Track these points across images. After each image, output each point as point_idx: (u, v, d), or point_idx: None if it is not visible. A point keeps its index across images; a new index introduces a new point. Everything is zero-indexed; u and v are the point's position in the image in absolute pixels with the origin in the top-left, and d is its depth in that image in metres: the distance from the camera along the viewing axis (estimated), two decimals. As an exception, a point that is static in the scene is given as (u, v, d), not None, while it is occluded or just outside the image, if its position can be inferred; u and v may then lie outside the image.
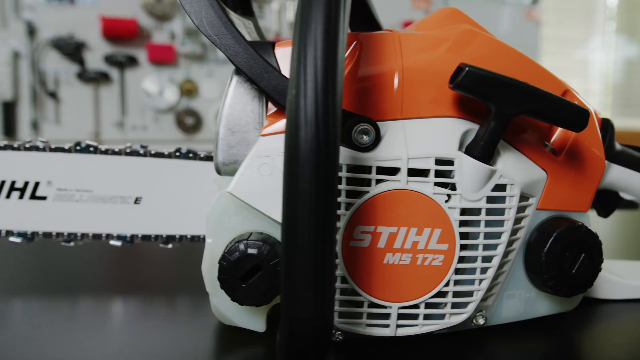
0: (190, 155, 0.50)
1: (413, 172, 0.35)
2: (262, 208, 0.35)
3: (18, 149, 0.49)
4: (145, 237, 0.50)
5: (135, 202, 0.50)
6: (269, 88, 0.35)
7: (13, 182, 0.49)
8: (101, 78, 1.79)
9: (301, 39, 0.28)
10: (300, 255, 0.28)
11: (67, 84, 1.79)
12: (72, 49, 1.74)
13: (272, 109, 0.37)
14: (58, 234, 0.50)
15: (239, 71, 0.38)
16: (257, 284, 0.34)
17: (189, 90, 1.88)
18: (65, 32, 1.77)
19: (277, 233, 0.36)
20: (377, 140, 0.35)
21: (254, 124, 0.38)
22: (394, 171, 0.35)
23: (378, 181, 0.35)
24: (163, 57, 1.83)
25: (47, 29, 1.76)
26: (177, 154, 0.50)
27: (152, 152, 0.50)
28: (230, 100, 0.38)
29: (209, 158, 0.50)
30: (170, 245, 0.51)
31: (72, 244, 0.50)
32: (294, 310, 0.28)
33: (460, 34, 0.39)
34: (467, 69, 0.34)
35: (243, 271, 0.34)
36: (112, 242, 0.50)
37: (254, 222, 0.36)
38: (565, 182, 0.39)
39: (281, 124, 0.36)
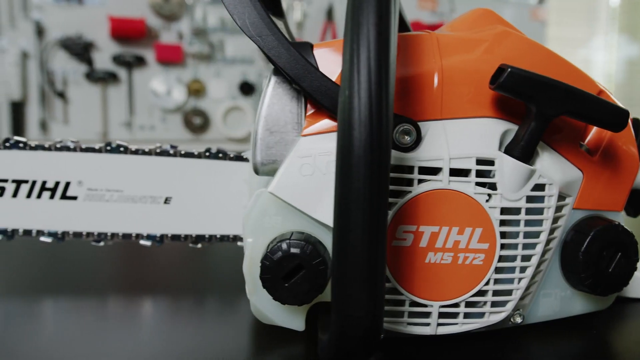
0: (220, 155, 0.50)
1: (454, 172, 0.35)
2: (303, 208, 0.36)
3: (49, 149, 0.49)
4: (175, 237, 0.50)
5: (165, 202, 0.50)
6: (311, 88, 0.35)
7: (44, 182, 0.49)
8: (109, 78, 1.79)
9: (353, 40, 0.28)
10: (353, 254, 0.28)
11: (75, 84, 1.80)
12: (80, 49, 1.75)
13: (310, 109, 0.37)
14: (88, 234, 0.50)
15: (277, 72, 0.39)
16: (300, 283, 0.35)
17: (196, 90, 1.88)
18: (73, 32, 1.77)
19: (317, 232, 0.36)
20: (418, 140, 0.35)
21: (293, 124, 0.38)
22: (435, 171, 0.35)
23: (420, 181, 0.35)
24: (171, 57, 1.83)
25: (56, 29, 1.77)
26: (207, 154, 0.50)
27: (182, 152, 0.50)
28: (268, 101, 0.38)
29: (238, 158, 0.50)
30: (199, 245, 0.51)
31: (101, 243, 0.50)
32: (346, 309, 0.29)
33: (496, 35, 0.39)
34: (509, 70, 0.34)
35: (285, 270, 0.35)
36: (142, 242, 0.50)
37: (294, 222, 0.36)
38: (600, 181, 0.40)
39: (322, 124, 0.37)
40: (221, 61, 1.92)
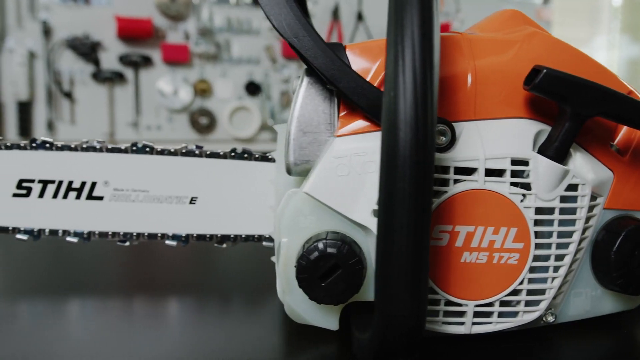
0: (245, 155, 0.50)
1: (489, 172, 0.35)
2: (339, 208, 0.36)
3: (75, 149, 0.49)
4: (200, 237, 0.51)
5: (190, 202, 0.50)
6: (347, 89, 0.35)
7: (70, 183, 0.49)
8: (116, 78, 1.80)
9: (398, 42, 0.28)
10: (398, 254, 0.28)
11: (82, 84, 1.80)
12: (87, 49, 1.75)
13: (343, 110, 0.38)
14: (114, 234, 0.50)
15: (310, 72, 0.39)
16: (336, 283, 0.35)
17: (203, 90, 1.89)
18: (80, 32, 1.77)
19: (351, 232, 0.36)
20: (453, 140, 0.36)
21: (325, 124, 0.39)
22: (470, 171, 0.35)
23: (456, 181, 0.35)
24: (177, 57, 1.84)
25: (62, 29, 1.77)
26: (232, 154, 0.50)
27: (208, 152, 0.50)
28: (301, 102, 0.39)
29: (264, 158, 0.51)
30: (224, 245, 0.51)
31: (127, 243, 0.50)
32: (390, 308, 0.29)
33: (527, 36, 0.39)
34: (544, 71, 0.34)
35: (322, 270, 0.35)
36: (167, 242, 0.50)
37: (328, 222, 0.37)
38: (630, 181, 0.40)
39: (357, 125, 0.37)
40: (227, 61, 1.92)
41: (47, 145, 0.49)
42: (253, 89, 1.94)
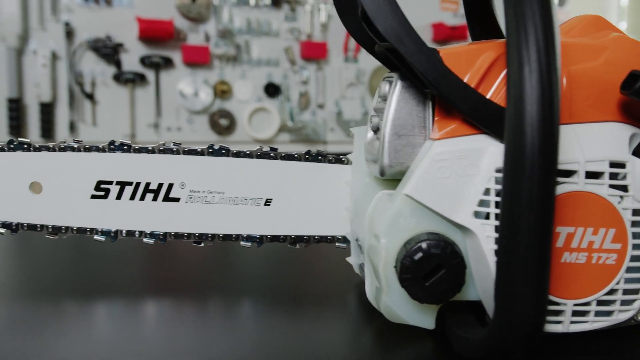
0: (320, 158, 0.51)
1: (588, 175, 0.36)
2: (440, 210, 0.37)
3: (152, 151, 0.50)
4: (274, 238, 0.51)
5: (265, 204, 0.51)
6: (449, 94, 0.36)
7: (147, 184, 0.50)
8: (137, 79, 1.80)
9: (522, 47, 0.29)
10: (524, 254, 0.29)
11: (103, 86, 1.80)
12: (109, 51, 1.75)
13: (440, 113, 0.38)
14: (189, 235, 0.51)
15: (404, 76, 0.40)
16: (440, 283, 0.36)
17: (222, 91, 1.89)
18: (102, 33, 1.78)
19: (450, 234, 0.37)
20: (552, 143, 0.36)
21: (419, 128, 0.39)
22: (569, 174, 0.36)
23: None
24: (198, 59, 1.84)
25: (84, 31, 1.77)
26: (307, 156, 0.51)
27: (283, 154, 0.51)
28: (396, 105, 0.39)
29: (337, 160, 0.51)
30: (297, 246, 0.52)
31: (202, 244, 0.51)
32: (515, 306, 0.30)
33: (615, 40, 0.40)
34: (645, 75, 0.35)
35: (425, 270, 0.36)
36: (242, 243, 0.51)
37: (428, 223, 0.37)
38: None
39: (456, 128, 0.38)
40: (247, 63, 1.93)
41: (125, 147, 0.50)
42: (272, 90, 1.94)
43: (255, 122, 1.93)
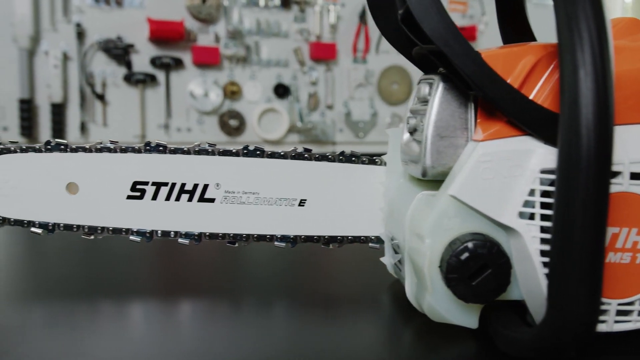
0: (353, 159, 0.52)
1: (632, 176, 0.37)
2: (486, 210, 0.37)
3: (188, 152, 0.51)
4: (308, 239, 0.52)
5: (299, 204, 0.51)
6: (495, 96, 0.36)
7: (183, 185, 0.50)
8: (147, 80, 1.81)
9: (577, 49, 0.30)
10: (579, 255, 0.29)
11: (114, 86, 1.81)
12: (120, 52, 1.76)
13: (482, 115, 0.39)
14: (224, 235, 0.51)
15: (446, 78, 0.40)
16: (486, 282, 0.36)
17: (232, 92, 1.90)
18: (112, 34, 1.79)
19: (494, 234, 0.37)
20: (596, 145, 0.37)
21: (461, 129, 0.40)
22: (614, 175, 0.37)
23: (602, 184, 0.36)
24: (208, 60, 1.85)
25: (95, 32, 1.78)
26: (341, 157, 0.51)
27: (317, 155, 0.51)
28: (438, 107, 0.40)
29: (371, 161, 0.52)
30: (331, 247, 0.52)
31: (236, 245, 0.52)
32: (569, 305, 0.30)
33: (654, 43, 0.40)
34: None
35: (472, 270, 0.36)
36: (276, 243, 0.51)
37: (472, 224, 0.38)
38: None
39: (499, 129, 0.38)
40: (256, 63, 1.93)
41: (161, 148, 0.50)
42: (282, 91, 1.95)
43: (265, 123, 1.94)
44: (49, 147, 0.50)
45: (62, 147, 0.50)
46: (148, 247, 0.52)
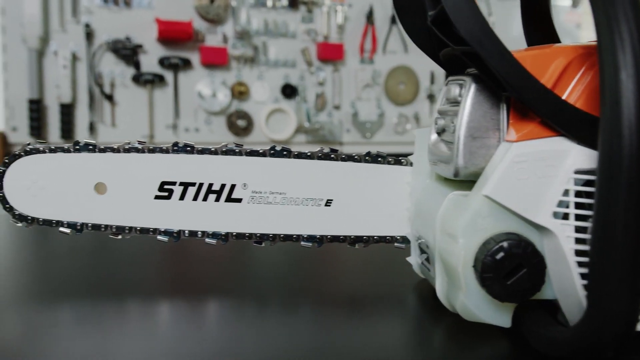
0: (379, 159, 0.52)
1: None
2: (520, 210, 0.37)
3: (215, 152, 0.51)
4: (334, 238, 0.52)
5: (326, 205, 0.52)
6: (530, 96, 0.37)
7: (210, 185, 0.51)
8: (156, 80, 1.81)
9: (618, 50, 0.30)
10: (620, 254, 0.30)
11: (122, 87, 1.82)
12: (128, 52, 1.77)
13: (515, 116, 0.39)
14: (250, 235, 0.52)
15: (478, 79, 0.40)
16: (521, 282, 0.36)
17: (240, 92, 1.90)
18: (121, 35, 1.80)
19: (527, 233, 0.38)
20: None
21: (493, 130, 0.40)
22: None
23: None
24: (216, 60, 1.86)
25: (104, 32, 1.79)
26: (367, 157, 0.52)
27: (343, 155, 0.52)
28: (470, 108, 0.40)
29: (397, 162, 0.52)
30: (356, 247, 0.52)
31: (262, 244, 0.52)
32: (610, 305, 0.30)
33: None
34: None
35: (507, 270, 0.36)
36: (302, 243, 0.52)
37: (505, 223, 0.38)
38: None
39: (533, 130, 0.38)
40: (264, 64, 1.94)
41: (188, 148, 0.51)
42: (289, 91, 1.95)
43: (272, 123, 1.95)
44: (77, 147, 0.51)
45: (91, 147, 0.51)
46: (174, 246, 0.52)
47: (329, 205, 0.52)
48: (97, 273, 0.57)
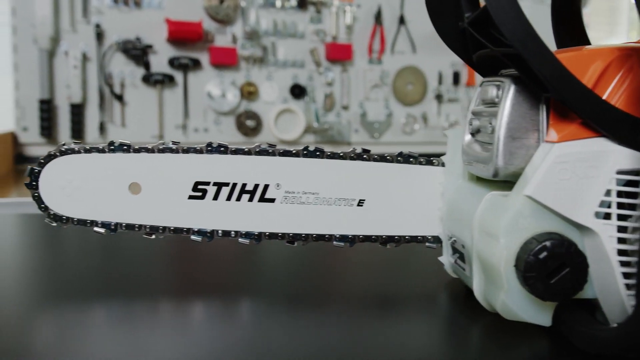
0: (411, 159, 0.52)
1: None
2: (562, 210, 0.38)
3: (249, 153, 0.51)
4: (366, 238, 0.52)
5: (358, 205, 0.52)
6: (572, 97, 0.37)
7: (244, 185, 0.51)
8: (166, 81, 1.82)
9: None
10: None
11: (132, 87, 1.82)
12: (138, 52, 1.77)
13: (555, 117, 0.40)
14: (283, 235, 0.52)
15: (517, 80, 0.41)
16: (564, 281, 0.37)
17: (249, 92, 1.91)
18: (131, 35, 1.80)
19: (568, 233, 0.38)
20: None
21: (532, 130, 0.41)
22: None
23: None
24: (225, 60, 1.86)
25: (114, 33, 1.79)
26: (399, 158, 0.52)
27: (375, 156, 0.52)
28: (509, 109, 0.41)
29: (428, 162, 0.53)
30: (388, 246, 0.53)
31: (295, 244, 0.52)
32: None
33: None
34: None
35: (550, 269, 0.37)
36: (335, 243, 0.52)
37: (546, 223, 0.38)
38: None
39: (574, 131, 0.39)
40: (273, 64, 1.94)
41: (222, 149, 0.51)
42: (298, 91, 1.96)
43: (281, 123, 1.95)
44: (112, 147, 0.51)
45: (125, 147, 0.51)
46: (204, 246, 0.52)
47: (361, 206, 0.52)
48: (126, 271, 0.57)
